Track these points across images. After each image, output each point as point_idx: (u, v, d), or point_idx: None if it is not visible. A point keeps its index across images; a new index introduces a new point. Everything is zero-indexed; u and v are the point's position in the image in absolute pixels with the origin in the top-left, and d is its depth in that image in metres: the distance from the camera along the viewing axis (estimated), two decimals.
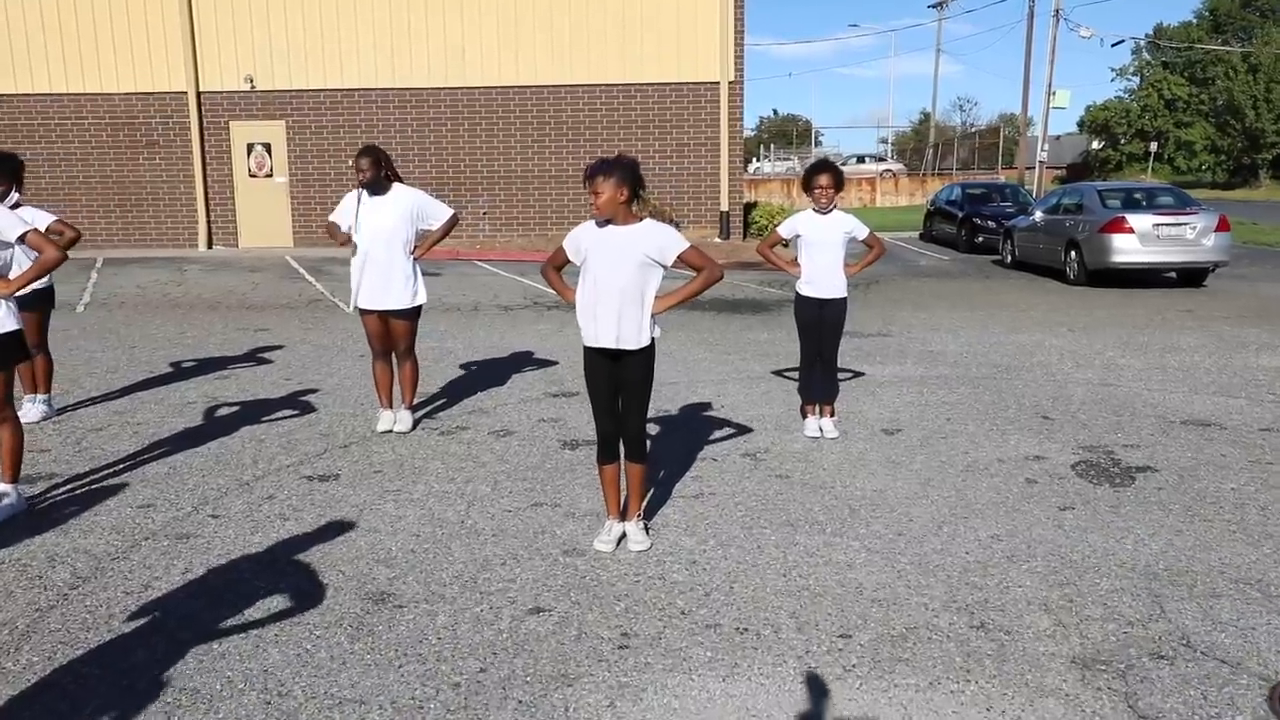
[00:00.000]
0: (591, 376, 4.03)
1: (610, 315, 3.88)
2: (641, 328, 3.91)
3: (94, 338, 9.38)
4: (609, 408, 4.03)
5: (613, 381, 4.00)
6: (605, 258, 3.88)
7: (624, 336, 3.90)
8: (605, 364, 3.98)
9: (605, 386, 4.00)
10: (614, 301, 3.87)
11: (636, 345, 3.91)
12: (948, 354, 8.75)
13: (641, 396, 4.01)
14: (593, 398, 4.05)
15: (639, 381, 3.98)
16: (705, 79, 17.11)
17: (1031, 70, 37.29)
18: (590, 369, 4.03)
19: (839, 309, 5.82)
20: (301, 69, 17.14)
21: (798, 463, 5.37)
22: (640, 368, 3.97)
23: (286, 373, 7.78)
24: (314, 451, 5.56)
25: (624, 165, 3.84)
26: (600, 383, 4.00)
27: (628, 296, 3.86)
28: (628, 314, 3.87)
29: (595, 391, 4.03)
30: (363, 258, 5.88)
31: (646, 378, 4.01)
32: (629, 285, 3.86)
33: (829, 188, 5.61)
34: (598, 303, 3.90)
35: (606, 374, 3.99)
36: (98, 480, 5.02)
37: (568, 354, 8.66)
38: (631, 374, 3.97)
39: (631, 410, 4.01)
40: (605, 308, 3.88)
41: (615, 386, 4.01)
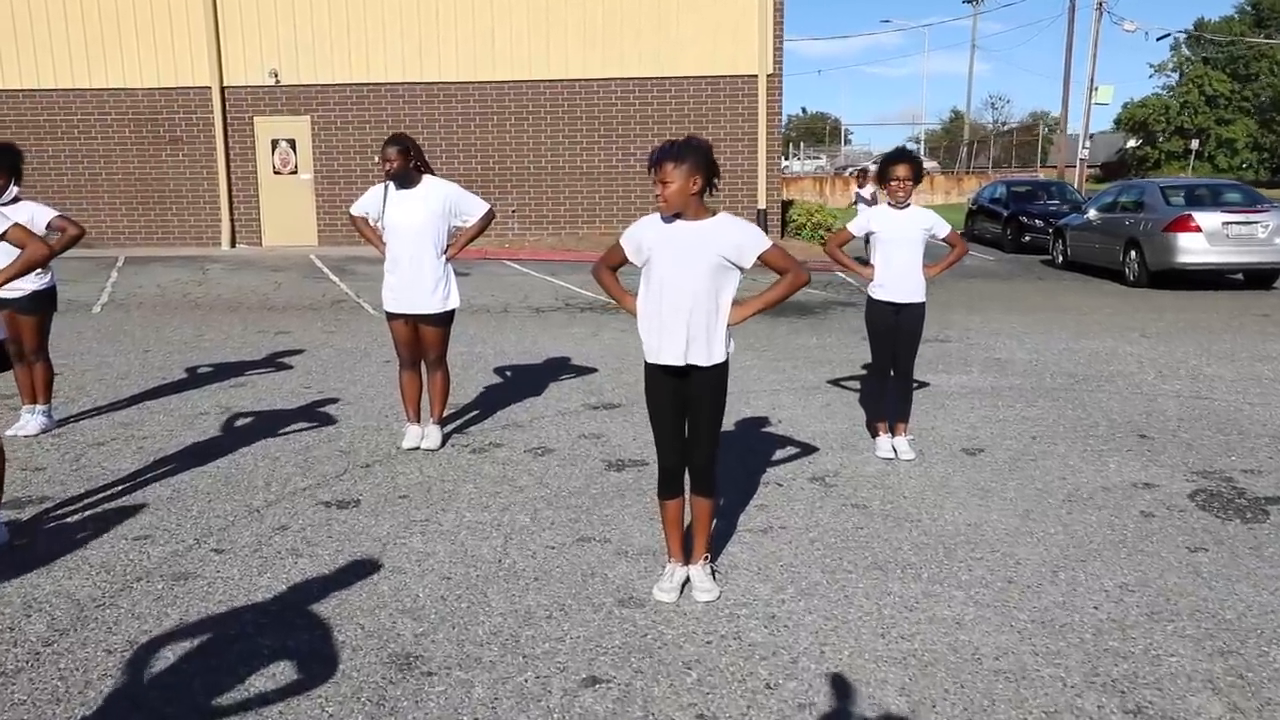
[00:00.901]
0: (654, 397, 3.44)
1: (678, 326, 3.30)
2: (714, 341, 3.32)
3: (107, 340, 8.93)
4: (674, 434, 3.44)
5: (679, 403, 3.41)
6: (673, 258, 3.29)
7: (694, 351, 3.31)
8: (671, 383, 3.39)
9: (670, 409, 3.41)
10: (683, 310, 3.28)
11: (708, 361, 3.32)
12: (1016, 362, 8.09)
13: (713, 421, 3.42)
14: (655, 422, 3.46)
15: (710, 404, 3.39)
16: (743, 72, 16.47)
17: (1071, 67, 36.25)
18: (653, 388, 3.44)
19: (917, 315, 5.20)
20: (327, 63, 16.69)
21: (874, 489, 4.76)
22: (712, 388, 3.38)
23: (306, 380, 7.27)
24: (333, 472, 5.02)
25: (697, 150, 3.25)
26: (664, 405, 3.41)
27: (699, 304, 3.27)
28: (699, 325, 3.29)
29: (658, 415, 3.44)
30: (390, 257, 5.33)
31: (719, 400, 3.41)
32: (701, 291, 3.27)
33: (907, 179, 4.99)
34: (663, 311, 3.32)
35: (672, 395, 3.40)
36: (93, 504, 4.50)
37: (605, 360, 8.10)
38: (701, 395, 3.37)
39: (700, 437, 3.42)
40: (672, 317, 3.30)
41: (682, 409, 3.42)
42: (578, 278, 13.71)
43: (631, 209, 17.06)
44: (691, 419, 3.42)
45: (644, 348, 3.43)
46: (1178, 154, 53.48)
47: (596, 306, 11.35)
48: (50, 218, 5.52)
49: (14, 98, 16.77)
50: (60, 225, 5.53)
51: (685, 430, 3.45)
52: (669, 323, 3.30)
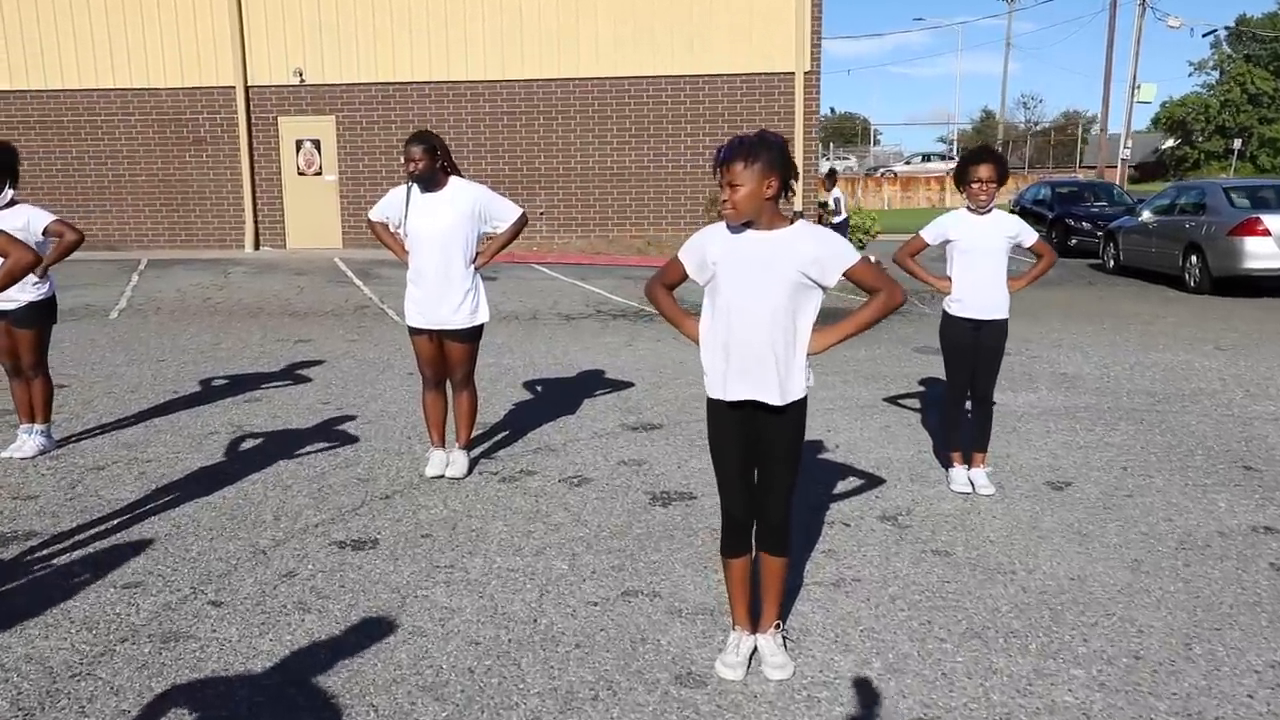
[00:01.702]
0: (719, 438, 2.91)
1: (749, 356, 2.78)
2: (791, 374, 2.80)
3: (121, 349, 8.55)
4: (742, 482, 2.91)
5: (749, 447, 2.89)
6: (743, 275, 2.77)
7: (767, 386, 2.78)
8: (739, 423, 2.87)
9: (738, 453, 2.89)
10: (755, 337, 2.76)
11: (784, 399, 2.80)
12: (1085, 378, 7.48)
13: (789, 469, 2.89)
14: (719, 468, 2.94)
15: (786, 449, 2.87)
16: (779, 69, 15.90)
17: (1101, 65, 35.31)
18: (717, 428, 2.91)
19: (999, 333, 4.65)
20: (352, 61, 16.32)
21: (954, 531, 4.21)
22: (789, 430, 2.85)
23: (325, 394, 6.82)
24: (349, 505, 4.54)
25: (771, 146, 2.73)
26: (731, 448, 2.89)
27: (774, 330, 2.75)
28: (773, 355, 2.76)
29: (723, 460, 2.91)
30: (413, 267, 4.86)
31: (796, 444, 2.89)
32: (776, 315, 2.75)
33: (990, 181, 4.43)
34: (731, 338, 2.80)
35: (740, 436, 2.88)
36: (84, 542, 4.05)
37: (641, 373, 7.59)
38: (775, 438, 2.85)
39: (773, 487, 2.89)
40: (743, 345, 2.78)
41: (751, 453, 2.90)
42: (608, 282, 13.22)
43: (663, 211, 16.56)
44: (763, 465, 2.89)
45: (707, 380, 2.91)
46: (1218, 154, 52.15)
47: (629, 313, 10.85)
48: (47, 222, 5.11)
49: (38, 98, 16.55)
50: (58, 230, 5.11)
51: (754, 476, 2.93)
52: (738, 352, 2.78)
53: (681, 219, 16.46)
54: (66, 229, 5.11)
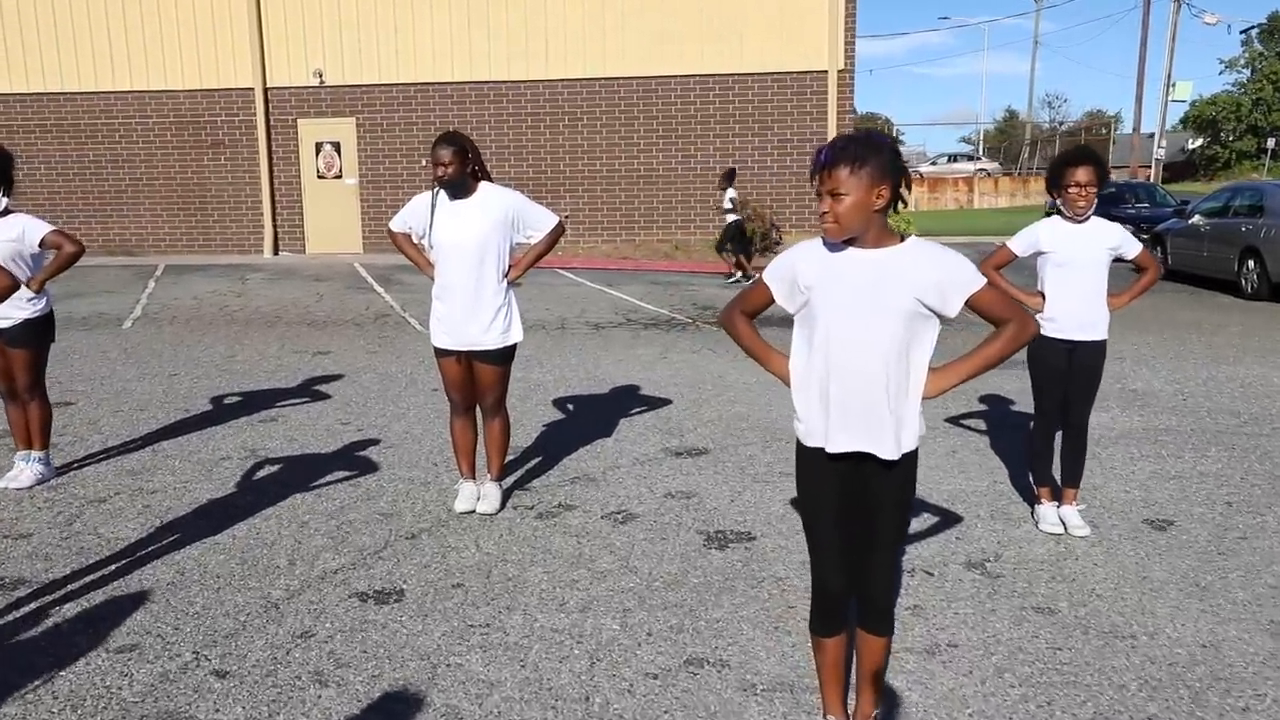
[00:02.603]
0: (812, 496, 2.44)
1: (853, 399, 2.31)
2: (905, 422, 2.33)
3: (133, 362, 8.17)
4: (840, 547, 2.44)
5: (850, 505, 2.41)
6: (846, 303, 2.30)
7: (876, 436, 2.31)
8: (839, 477, 2.40)
9: (836, 514, 2.42)
10: (862, 377, 2.29)
11: (895, 452, 2.33)
12: (1157, 395, 6.95)
13: (896, 532, 2.42)
14: (812, 529, 2.47)
15: (894, 508, 2.40)
16: (812, 68, 15.40)
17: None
18: (810, 483, 2.44)
19: (1096, 356, 4.14)
20: (373, 62, 15.96)
21: (1054, 582, 3.71)
22: (899, 486, 2.38)
23: (345, 413, 6.39)
24: (371, 546, 4.10)
25: (882, 148, 2.27)
26: (828, 508, 2.42)
27: (885, 369, 2.28)
28: (884, 398, 2.29)
29: (818, 520, 2.44)
30: (440, 283, 4.41)
31: (906, 503, 2.42)
32: (887, 350, 2.28)
33: (1090, 185, 3.94)
34: (832, 379, 2.33)
35: (839, 495, 2.40)
36: (77, 592, 3.63)
37: (679, 389, 7.12)
38: (883, 495, 2.38)
39: (878, 553, 2.42)
40: (847, 387, 2.31)
41: (852, 514, 2.42)
42: (637, 289, 12.78)
43: (691, 214, 16.10)
44: (865, 529, 2.42)
45: (799, 426, 2.44)
46: (1250, 154, 51.06)
47: (660, 322, 10.39)
48: (44, 234, 4.71)
49: (55, 101, 16.30)
50: (55, 242, 4.71)
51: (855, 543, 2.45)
52: (840, 394, 2.31)
53: (710, 222, 15.98)
54: (65, 240, 4.71)
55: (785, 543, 4.12)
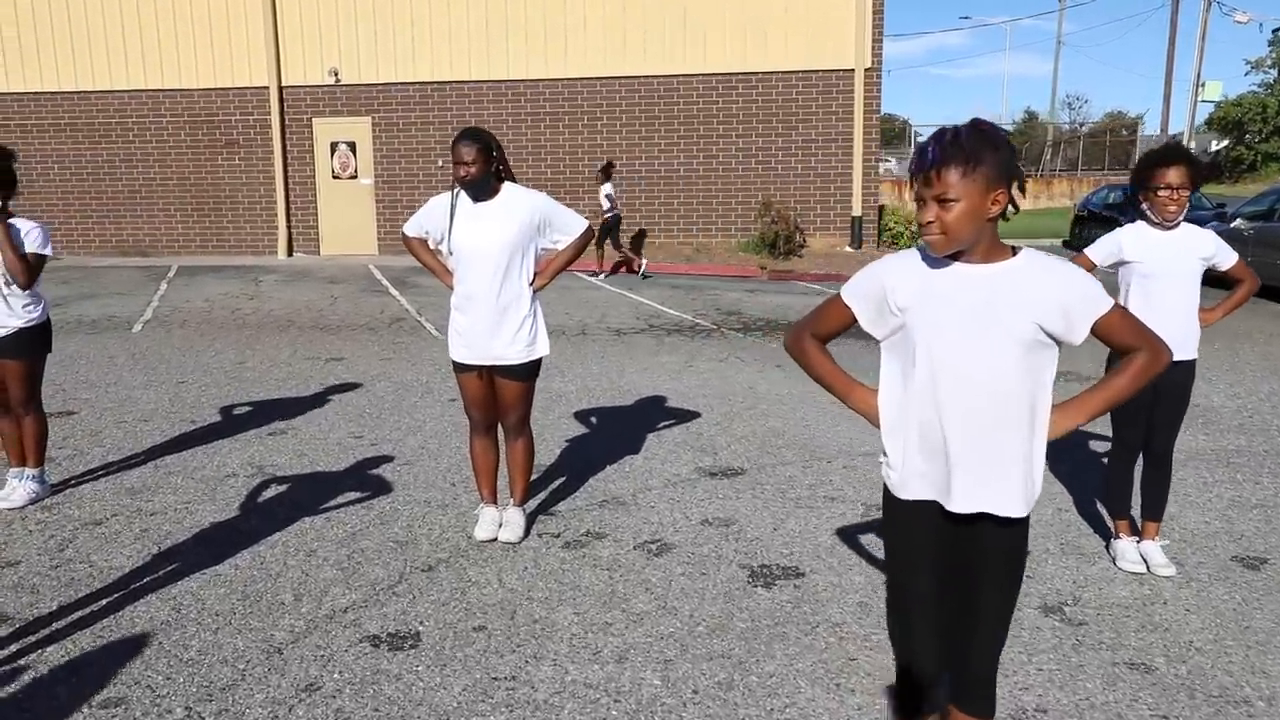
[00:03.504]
0: (904, 558, 2.07)
1: (962, 444, 1.94)
2: (1029, 471, 1.96)
3: (140, 368, 7.87)
4: (933, 623, 2.06)
5: (950, 568, 2.04)
6: (953, 328, 1.94)
7: (992, 490, 1.94)
8: (938, 536, 2.03)
9: (933, 578, 2.05)
10: (974, 416, 1.93)
11: (1012, 508, 1.96)
12: (1220, 411, 6.53)
13: (1007, 604, 2.05)
14: (902, 598, 2.09)
15: (1005, 576, 2.02)
16: (838, 66, 14.99)
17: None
18: (902, 542, 2.07)
19: (1186, 377, 3.76)
20: (389, 60, 15.67)
21: (1144, 631, 3.33)
22: (1012, 549, 2.01)
23: (358, 426, 6.06)
24: (384, 580, 3.75)
25: (998, 144, 1.90)
26: (924, 574, 2.04)
27: (1004, 407, 1.91)
28: (1000, 443, 1.93)
29: (910, 589, 2.07)
30: (460, 292, 4.07)
31: (1019, 568, 2.04)
32: (1005, 384, 1.92)
33: (1182, 188, 3.55)
34: (934, 418, 1.96)
35: (937, 556, 2.03)
36: (63, 632, 3.30)
37: (707, 401, 6.76)
38: (992, 557, 2.01)
39: (980, 627, 2.05)
40: (953, 428, 1.94)
41: (955, 578, 2.05)
42: (657, 293, 12.42)
43: (713, 216, 15.72)
44: (965, 597, 2.05)
45: (890, 474, 2.08)
46: (1277, 155, 50.20)
47: (684, 328, 10.02)
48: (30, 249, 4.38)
49: (68, 99, 16.09)
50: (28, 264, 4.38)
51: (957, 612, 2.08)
52: (945, 439, 1.95)
53: (733, 224, 15.61)
54: (26, 269, 4.32)
55: (838, 580, 3.75)
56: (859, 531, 4.26)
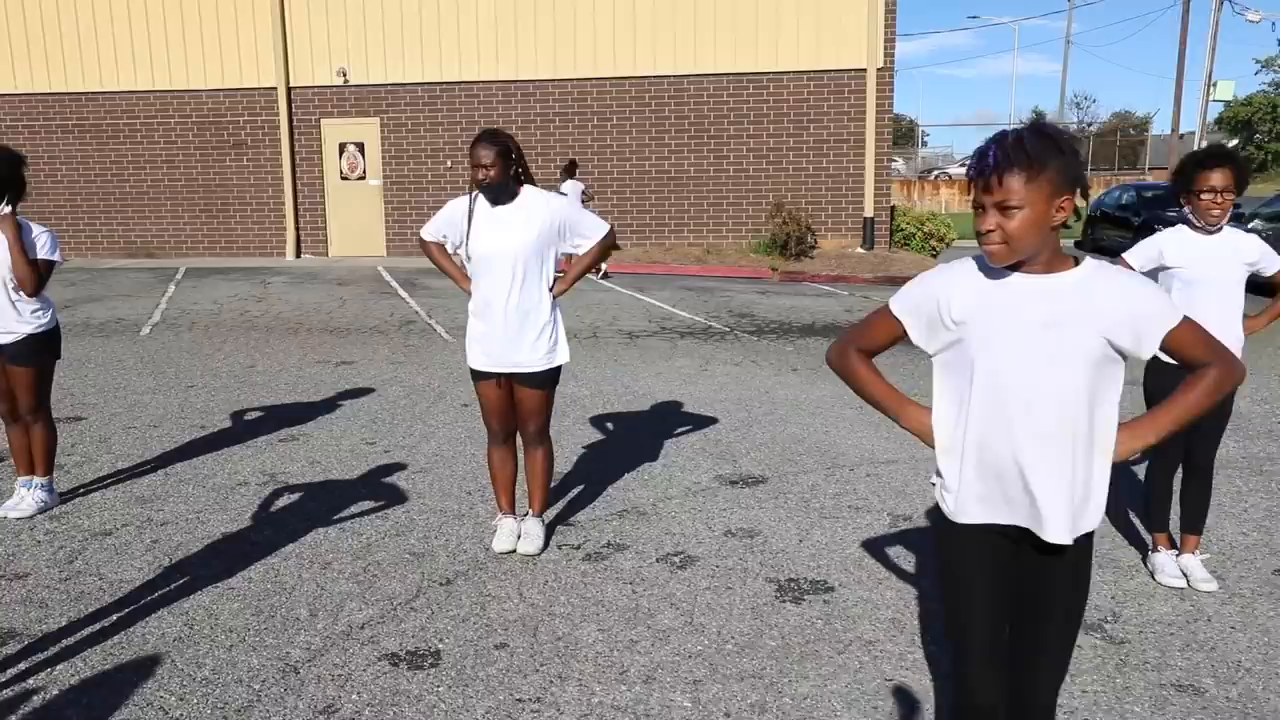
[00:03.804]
0: (963, 585, 1.95)
1: (1025, 466, 1.83)
2: (1090, 493, 1.85)
3: (149, 372, 7.79)
4: (993, 652, 1.95)
5: (1013, 595, 1.93)
6: (1016, 343, 1.83)
7: (1055, 513, 1.83)
8: (998, 562, 1.92)
9: (995, 604, 1.93)
10: (1039, 438, 1.82)
11: (1081, 530, 1.85)
12: (1246, 417, 6.40)
13: (1071, 631, 1.94)
14: (960, 626, 1.98)
15: (1070, 600, 1.92)
16: (850, 66, 14.87)
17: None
18: (961, 568, 1.96)
19: None
20: (398, 61, 15.59)
21: (1190, 650, 3.21)
22: (1076, 572, 1.90)
23: (370, 432, 5.97)
24: (402, 593, 3.65)
25: (1063, 147, 1.79)
26: (984, 602, 1.93)
27: (1070, 425, 1.80)
28: (1066, 464, 1.82)
29: (969, 618, 1.95)
30: (479, 298, 3.97)
31: (1083, 593, 1.93)
32: (1071, 402, 1.81)
33: (1227, 191, 3.44)
34: (995, 439, 1.85)
35: (1000, 581, 1.92)
36: (72, 650, 3.21)
37: (725, 406, 6.65)
38: (1057, 584, 1.90)
39: (1045, 655, 1.94)
40: (1016, 450, 1.83)
41: (1018, 605, 1.94)
42: (668, 294, 12.31)
43: (723, 217, 15.61)
44: (1028, 625, 1.94)
45: (947, 496, 1.96)
46: None
47: (696, 331, 9.91)
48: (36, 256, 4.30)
49: (76, 100, 16.04)
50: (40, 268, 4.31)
51: (1019, 641, 1.97)
52: (1007, 460, 1.84)
53: (743, 225, 15.50)
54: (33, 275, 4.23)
55: (868, 595, 3.64)
56: (887, 544, 4.15)
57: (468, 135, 15.64)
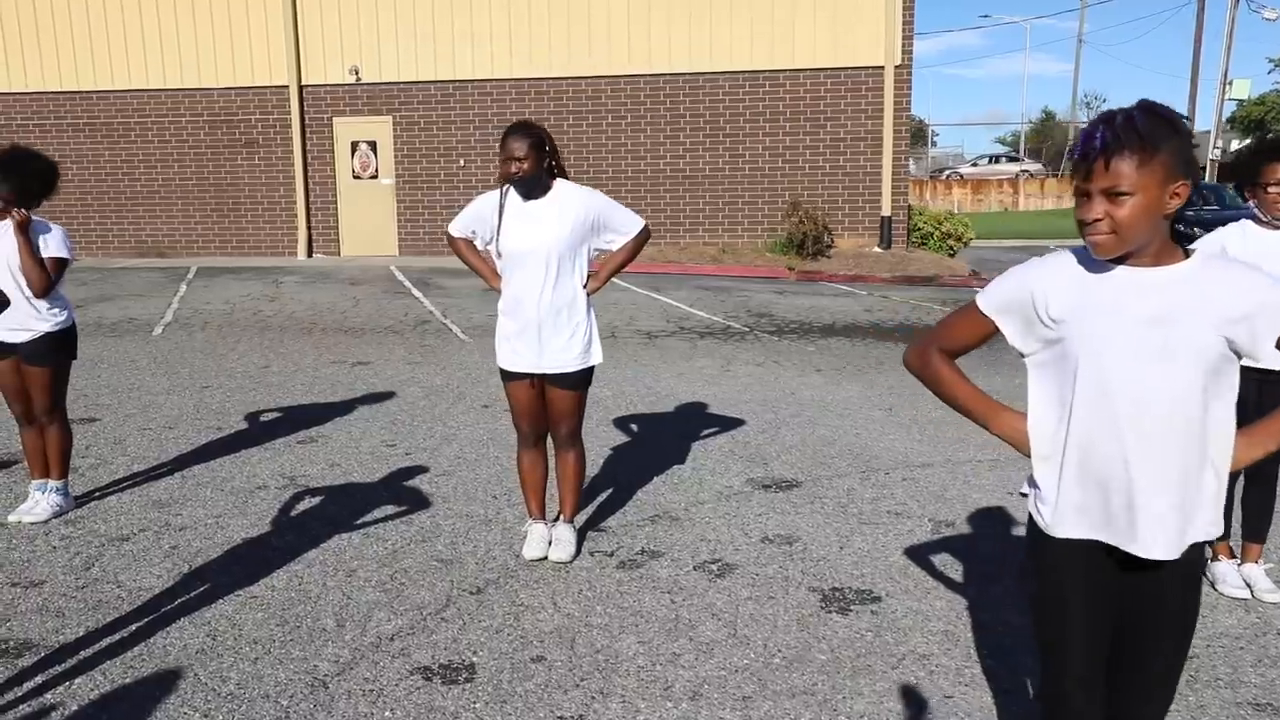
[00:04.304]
0: (1060, 606, 1.79)
1: (1136, 476, 1.68)
2: (1204, 504, 1.71)
3: (163, 372, 7.68)
4: (1095, 678, 1.80)
5: (1115, 618, 1.78)
6: (1125, 341, 1.68)
7: (1162, 525, 1.68)
8: (1099, 579, 1.77)
9: (1094, 620, 1.78)
10: (1150, 444, 1.67)
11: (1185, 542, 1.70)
12: None
13: (1180, 655, 1.79)
14: (1057, 651, 1.81)
15: (1180, 624, 1.77)
16: (867, 63, 14.69)
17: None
18: (1058, 587, 1.80)
19: None
20: (411, 59, 15.46)
21: (1263, 666, 3.05)
22: (1187, 595, 1.75)
23: (390, 434, 5.83)
24: (431, 603, 3.51)
25: (1177, 128, 1.65)
26: (1084, 624, 1.77)
27: (1186, 431, 1.66)
28: (1177, 473, 1.67)
29: (1068, 641, 1.79)
30: (509, 295, 3.83)
31: (1193, 617, 1.78)
32: (1186, 406, 1.67)
33: None
34: (1113, 445, 1.69)
35: (1098, 601, 1.77)
36: (90, 662, 3.07)
37: (750, 407, 6.50)
38: (1166, 606, 1.76)
39: (1150, 677, 1.79)
40: (1126, 458, 1.68)
41: (1116, 624, 1.79)
42: (685, 294, 12.17)
43: (739, 216, 15.45)
44: (1132, 651, 1.79)
45: (1043, 509, 1.81)
46: None
47: (716, 331, 9.77)
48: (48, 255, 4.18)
49: (87, 99, 15.97)
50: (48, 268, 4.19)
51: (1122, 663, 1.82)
52: (1115, 469, 1.69)
53: (759, 224, 15.34)
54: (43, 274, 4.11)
55: (917, 605, 3.49)
56: (932, 551, 4.00)
57: (481, 134, 15.52)
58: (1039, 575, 1.83)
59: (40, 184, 4.13)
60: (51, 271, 4.15)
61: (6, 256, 4.11)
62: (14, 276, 4.12)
